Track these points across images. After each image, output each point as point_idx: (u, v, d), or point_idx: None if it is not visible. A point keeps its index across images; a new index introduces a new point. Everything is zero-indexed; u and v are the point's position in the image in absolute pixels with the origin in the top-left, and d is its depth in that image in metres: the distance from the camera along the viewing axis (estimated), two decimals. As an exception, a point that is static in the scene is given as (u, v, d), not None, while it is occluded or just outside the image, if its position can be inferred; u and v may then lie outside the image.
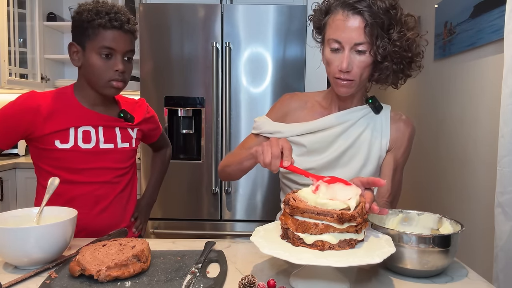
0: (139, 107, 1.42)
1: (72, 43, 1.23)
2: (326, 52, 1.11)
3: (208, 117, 2.39)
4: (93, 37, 1.19)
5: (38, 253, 0.88)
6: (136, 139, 1.38)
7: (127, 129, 1.34)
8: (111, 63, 1.20)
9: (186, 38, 2.38)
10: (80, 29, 1.20)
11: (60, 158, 1.22)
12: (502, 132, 1.50)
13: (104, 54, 1.19)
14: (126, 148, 1.33)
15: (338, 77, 1.09)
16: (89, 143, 1.25)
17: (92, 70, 1.20)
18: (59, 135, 1.21)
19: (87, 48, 1.20)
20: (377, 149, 1.18)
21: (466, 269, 0.93)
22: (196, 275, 0.84)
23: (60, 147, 1.21)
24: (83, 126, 1.24)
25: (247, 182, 2.43)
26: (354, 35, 1.05)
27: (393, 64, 1.09)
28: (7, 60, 2.57)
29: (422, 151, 2.80)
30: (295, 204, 0.81)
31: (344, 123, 1.18)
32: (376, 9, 1.03)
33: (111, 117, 1.30)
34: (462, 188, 2.25)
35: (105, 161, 1.28)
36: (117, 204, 1.32)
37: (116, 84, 1.22)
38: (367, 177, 0.92)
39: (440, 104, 2.56)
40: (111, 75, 1.21)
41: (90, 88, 1.25)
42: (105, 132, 1.28)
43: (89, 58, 1.20)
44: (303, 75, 2.40)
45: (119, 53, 1.21)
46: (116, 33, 1.19)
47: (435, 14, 2.56)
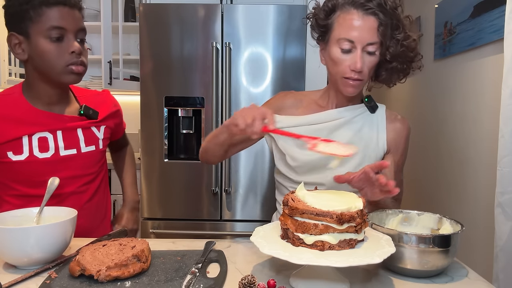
0: (103, 99, 1.26)
1: (12, 34, 1.05)
2: (334, 51, 1.10)
3: (208, 117, 2.39)
4: (36, 18, 1.01)
5: (38, 253, 0.88)
6: (104, 139, 1.22)
7: (90, 128, 1.18)
8: (64, 46, 1.04)
9: (186, 38, 2.38)
10: (17, 14, 1.03)
11: (16, 171, 1.08)
12: (502, 132, 1.50)
13: (54, 37, 1.03)
14: (92, 152, 1.18)
15: (349, 77, 1.09)
16: (47, 152, 1.09)
17: (44, 58, 1.04)
18: (11, 145, 1.06)
19: (32, 34, 1.03)
20: (374, 148, 1.18)
21: (466, 269, 0.93)
22: (196, 275, 0.84)
23: (14, 159, 1.06)
24: (38, 133, 1.08)
25: (247, 182, 2.43)
26: (367, 35, 1.05)
27: (398, 64, 1.11)
28: (7, 60, 2.57)
29: (422, 151, 2.80)
30: (294, 205, 0.81)
31: (338, 120, 1.18)
32: (388, 9, 1.04)
33: (71, 116, 1.14)
34: (462, 188, 2.25)
35: (68, 169, 1.13)
36: (85, 217, 1.14)
37: (76, 69, 1.06)
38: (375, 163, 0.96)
39: (440, 104, 2.56)
40: (67, 59, 1.04)
41: (43, 82, 1.09)
42: (65, 136, 1.12)
43: (37, 45, 1.03)
44: (303, 75, 2.40)
45: (71, 32, 1.05)
46: (63, 10, 1.03)
47: (435, 14, 2.56)
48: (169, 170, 2.39)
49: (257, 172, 2.42)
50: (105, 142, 1.24)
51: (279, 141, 1.22)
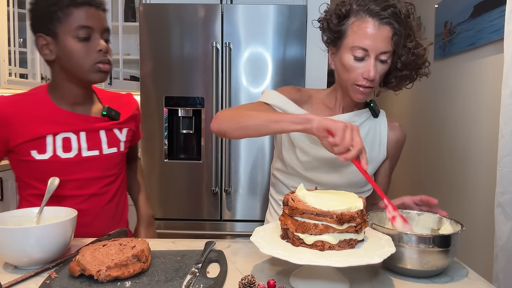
0: (127, 102, 1.27)
1: (39, 35, 1.08)
2: (346, 58, 1.08)
3: (208, 117, 2.39)
4: (64, 19, 1.04)
5: (38, 253, 0.88)
6: (125, 141, 1.23)
7: (113, 130, 1.20)
8: (92, 45, 1.07)
9: (186, 38, 2.38)
10: (45, 15, 1.06)
11: (39, 170, 1.09)
12: (502, 132, 1.50)
13: (82, 36, 1.06)
14: (114, 154, 1.19)
15: (360, 84, 1.08)
16: (70, 152, 1.11)
17: (71, 57, 1.06)
18: (35, 144, 1.08)
19: (60, 34, 1.05)
20: (376, 154, 1.20)
21: (466, 269, 0.93)
22: (196, 275, 0.84)
23: (38, 158, 1.08)
24: (62, 133, 1.10)
25: (247, 182, 2.43)
26: (382, 44, 1.05)
27: (407, 71, 1.12)
28: (7, 60, 2.57)
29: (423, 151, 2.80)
30: (294, 205, 0.81)
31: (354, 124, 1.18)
32: (403, 18, 1.04)
33: (94, 116, 1.16)
34: (462, 188, 2.25)
35: (90, 170, 1.14)
36: (104, 218, 1.18)
37: (103, 67, 1.09)
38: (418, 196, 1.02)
39: (440, 104, 2.56)
40: (95, 57, 1.07)
41: (69, 82, 1.11)
42: (88, 137, 1.13)
43: (65, 45, 1.06)
44: (303, 75, 2.40)
45: (97, 31, 1.08)
46: (89, 10, 1.06)
47: (435, 14, 2.56)
48: (169, 170, 2.39)
49: (257, 172, 2.42)
50: (126, 144, 1.25)
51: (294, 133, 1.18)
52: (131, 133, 1.27)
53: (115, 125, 1.20)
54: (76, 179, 1.13)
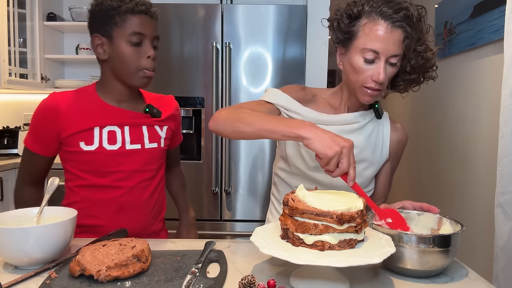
0: (168, 102, 1.35)
1: (96, 35, 1.16)
2: (356, 60, 1.07)
3: (208, 117, 2.39)
4: (121, 23, 1.13)
5: (38, 253, 0.88)
6: (165, 138, 1.29)
7: (154, 127, 1.26)
8: (142, 50, 1.15)
9: (186, 38, 2.38)
10: (104, 18, 1.14)
11: (86, 161, 1.17)
12: (502, 132, 1.50)
13: (134, 42, 1.14)
14: (154, 149, 1.25)
15: (369, 87, 1.08)
16: (114, 144, 1.18)
17: (122, 59, 1.15)
18: (84, 135, 1.16)
19: (115, 36, 1.14)
20: (379, 154, 1.21)
21: (466, 269, 0.93)
22: (196, 275, 0.84)
23: (85, 149, 1.16)
24: (108, 126, 1.18)
25: (247, 182, 2.43)
26: (393, 47, 1.04)
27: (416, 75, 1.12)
28: (7, 60, 2.57)
29: (423, 151, 2.79)
30: (294, 205, 0.81)
31: (355, 124, 1.19)
32: (415, 22, 1.04)
33: (137, 113, 1.23)
34: (462, 188, 2.25)
35: (132, 163, 1.21)
36: (143, 211, 1.24)
37: (148, 73, 1.17)
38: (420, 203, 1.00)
39: (441, 104, 2.56)
40: (143, 63, 1.16)
41: (117, 81, 1.19)
42: (131, 131, 1.21)
43: (118, 47, 1.14)
44: (303, 75, 2.40)
45: (148, 38, 1.16)
46: (144, 18, 1.15)
47: (435, 14, 2.56)
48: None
49: (257, 172, 2.42)
50: (166, 142, 1.31)
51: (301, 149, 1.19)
52: (171, 132, 1.33)
53: (156, 122, 1.27)
54: (119, 171, 1.20)
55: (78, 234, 1.16)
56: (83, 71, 3.17)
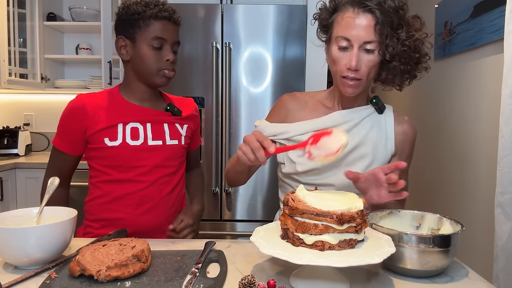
0: (187, 103, 1.40)
1: (120, 37, 1.23)
2: (333, 50, 1.10)
3: (208, 117, 2.39)
4: (144, 28, 1.19)
5: (38, 253, 0.88)
6: (186, 136, 1.34)
7: (175, 125, 1.32)
8: (162, 54, 1.21)
9: (186, 38, 2.38)
10: (129, 21, 1.21)
11: (110, 157, 1.22)
12: (502, 132, 1.50)
13: (155, 46, 1.20)
14: (175, 146, 1.30)
15: (346, 76, 1.08)
16: (137, 140, 1.24)
17: (143, 61, 1.21)
18: (108, 132, 1.22)
19: (138, 39, 1.21)
20: (383, 150, 1.18)
21: (466, 269, 0.93)
22: (196, 275, 0.84)
23: (110, 145, 1.22)
24: (131, 123, 1.24)
25: (247, 182, 2.42)
26: (364, 33, 1.04)
27: (401, 64, 1.09)
28: (7, 60, 2.57)
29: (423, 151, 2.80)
30: (294, 205, 0.81)
31: (349, 122, 1.17)
32: (387, 8, 1.04)
33: (159, 111, 1.29)
34: (462, 188, 2.25)
35: (154, 158, 1.26)
36: (163, 207, 1.28)
37: (168, 73, 1.23)
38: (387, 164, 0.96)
39: (441, 104, 2.56)
40: (162, 65, 1.22)
41: (139, 82, 1.26)
42: (153, 128, 1.26)
43: (140, 50, 1.21)
44: (303, 75, 2.40)
45: (169, 43, 1.22)
46: (166, 24, 1.21)
47: (435, 14, 2.56)
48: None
49: (257, 172, 2.41)
50: (187, 140, 1.35)
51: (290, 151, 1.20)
52: (191, 131, 1.38)
53: (177, 120, 1.32)
54: (142, 166, 1.24)
55: (99, 229, 1.24)
56: (83, 71, 3.17)
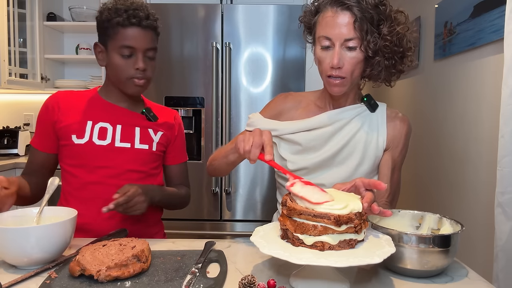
0: (167, 112, 1.37)
1: (97, 43, 1.23)
2: (317, 50, 1.11)
3: (208, 117, 2.39)
4: (113, 36, 1.17)
5: (38, 253, 0.88)
6: (158, 143, 1.29)
7: (148, 130, 1.28)
8: (131, 62, 1.18)
9: (186, 38, 2.38)
10: (102, 29, 1.20)
11: (75, 155, 1.21)
12: (502, 132, 1.50)
13: (125, 54, 1.17)
14: (144, 150, 1.25)
15: (330, 75, 1.09)
16: (104, 140, 1.22)
17: (113, 70, 1.20)
18: (77, 129, 1.20)
19: (109, 47, 1.19)
20: (374, 148, 1.17)
21: (466, 269, 0.93)
22: (196, 275, 0.84)
23: (76, 142, 1.20)
24: (100, 122, 1.22)
25: (247, 182, 2.43)
26: (343, 30, 1.05)
27: (385, 60, 1.09)
28: (7, 60, 2.57)
29: (423, 151, 2.80)
30: (292, 206, 0.81)
31: (337, 122, 1.18)
32: (365, 5, 1.04)
33: (134, 112, 1.27)
34: (462, 188, 2.25)
35: (120, 161, 1.22)
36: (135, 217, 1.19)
37: (137, 82, 1.20)
38: (369, 179, 0.91)
39: (440, 104, 2.56)
40: (132, 73, 1.18)
41: (115, 87, 1.25)
42: (123, 130, 1.24)
43: (111, 58, 1.19)
44: (303, 75, 2.40)
45: (140, 51, 1.18)
46: (135, 31, 1.16)
47: (435, 14, 2.56)
48: (169, 170, 2.39)
49: (257, 172, 2.42)
50: (159, 147, 1.30)
51: (281, 149, 1.22)
52: (166, 139, 1.33)
53: (151, 126, 1.29)
54: (108, 167, 1.21)
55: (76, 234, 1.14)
56: (83, 71, 3.17)
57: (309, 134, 1.19)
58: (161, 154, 1.33)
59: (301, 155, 1.19)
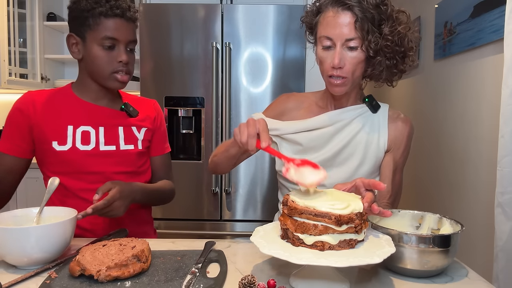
0: (147, 104, 1.32)
1: (71, 35, 1.16)
2: (318, 50, 1.12)
3: (208, 117, 2.39)
4: (94, 27, 1.11)
5: (38, 253, 0.88)
6: (144, 140, 1.26)
7: (131, 128, 1.24)
8: (114, 54, 1.13)
9: (186, 38, 2.38)
10: (79, 19, 1.13)
11: (59, 162, 1.15)
12: (502, 132, 1.50)
13: (106, 45, 1.12)
14: (131, 151, 1.22)
15: (331, 75, 1.09)
16: (88, 145, 1.16)
17: (94, 62, 1.13)
18: (57, 135, 1.15)
19: (88, 39, 1.13)
20: (375, 149, 1.17)
21: (466, 269, 0.93)
22: (196, 275, 0.84)
23: (58, 149, 1.15)
24: (82, 126, 1.17)
25: (247, 182, 2.43)
26: (345, 30, 1.05)
27: (386, 59, 1.09)
28: (7, 60, 2.57)
29: (423, 151, 2.79)
30: (293, 205, 0.81)
31: (338, 123, 1.18)
32: (366, 4, 1.04)
33: (114, 110, 1.21)
34: (462, 188, 2.25)
35: (106, 165, 1.18)
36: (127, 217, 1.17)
37: (121, 78, 1.15)
38: (369, 179, 0.91)
39: (440, 104, 2.56)
40: (115, 66, 1.14)
41: (92, 82, 1.19)
42: (106, 132, 1.19)
43: (90, 50, 1.13)
44: (303, 75, 2.40)
45: (122, 43, 1.14)
46: (119, 22, 1.12)
47: (435, 14, 2.56)
48: (169, 170, 2.39)
49: (257, 172, 2.42)
50: (145, 144, 1.27)
51: (282, 148, 1.22)
52: (150, 133, 1.29)
53: (133, 123, 1.25)
54: (95, 172, 1.17)
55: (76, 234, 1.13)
56: (83, 71, 3.17)
57: (310, 134, 1.19)
58: (147, 150, 1.29)
59: (302, 155, 1.19)
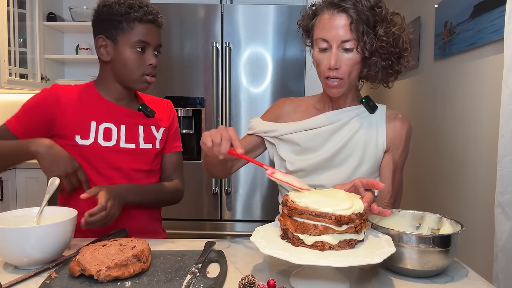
0: (162, 104, 1.37)
1: (100, 37, 1.19)
2: (315, 52, 1.13)
3: (208, 117, 2.39)
4: (128, 30, 1.16)
5: (38, 253, 0.88)
6: (161, 140, 1.30)
7: (150, 127, 1.29)
8: (145, 57, 1.19)
9: (186, 38, 2.38)
10: (111, 22, 1.17)
11: (79, 156, 1.18)
12: (502, 132, 1.50)
13: (139, 48, 1.17)
14: (149, 150, 1.27)
15: (328, 76, 1.10)
16: (109, 141, 1.21)
17: (125, 64, 1.18)
18: (80, 129, 1.18)
19: (120, 42, 1.17)
20: (373, 149, 1.17)
21: (466, 269, 0.93)
22: (196, 275, 0.84)
23: (81, 143, 1.18)
24: (104, 123, 1.21)
25: (247, 182, 2.43)
26: (340, 32, 1.06)
27: (382, 60, 1.10)
28: (7, 60, 2.57)
29: (422, 151, 2.80)
30: (293, 205, 0.81)
31: (336, 122, 1.18)
32: (361, 7, 1.06)
33: (134, 111, 1.26)
34: (462, 188, 2.25)
35: (125, 162, 1.22)
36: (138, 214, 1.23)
37: (150, 79, 1.22)
38: (368, 179, 0.91)
39: (440, 104, 2.56)
40: (145, 69, 1.20)
41: (116, 82, 1.23)
42: (127, 130, 1.23)
43: (122, 52, 1.18)
44: (303, 75, 2.40)
45: (152, 47, 1.20)
46: (150, 27, 1.18)
47: (435, 14, 2.56)
48: (169, 170, 2.39)
49: (257, 172, 2.42)
50: (161, 143, 1.32)
51: (280, 149, 1.23)
52: (167, 132, 1.33)
53: (153, 123, 1.29)
54: (114, 168, 1.21)
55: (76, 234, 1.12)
56: (83, 71, 3.17)
57: (307, 134, 1.19)
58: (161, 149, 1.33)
59: (300, 155, 1.20)
